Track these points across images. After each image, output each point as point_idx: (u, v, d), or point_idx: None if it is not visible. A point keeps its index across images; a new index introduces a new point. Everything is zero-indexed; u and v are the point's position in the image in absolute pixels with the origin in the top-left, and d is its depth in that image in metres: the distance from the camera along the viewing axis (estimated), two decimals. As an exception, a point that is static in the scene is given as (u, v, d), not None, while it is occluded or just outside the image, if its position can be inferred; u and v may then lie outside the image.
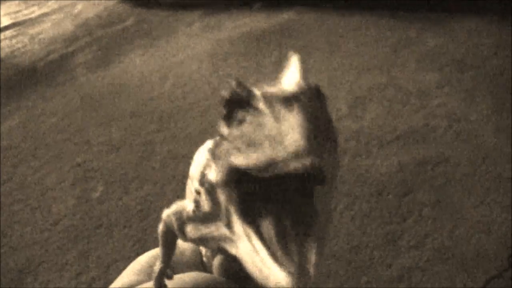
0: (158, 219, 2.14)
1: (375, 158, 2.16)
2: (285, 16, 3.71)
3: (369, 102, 2.53)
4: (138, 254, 1.97)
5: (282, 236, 0.48)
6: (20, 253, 2.06)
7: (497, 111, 2.31)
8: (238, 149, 0.47)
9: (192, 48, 3.54)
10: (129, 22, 4.35)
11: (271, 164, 0.43)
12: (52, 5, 5.32)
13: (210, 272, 0.85)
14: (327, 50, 3.12)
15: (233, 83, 0.51)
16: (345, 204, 1.96)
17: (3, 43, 4.46)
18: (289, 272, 0.45)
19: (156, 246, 1.99)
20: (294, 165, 0.42)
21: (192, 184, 0.68)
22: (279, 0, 3.92)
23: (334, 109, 2.49)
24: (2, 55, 4.17)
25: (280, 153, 0.43)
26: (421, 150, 2.16)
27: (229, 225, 0.52)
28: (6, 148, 2.77)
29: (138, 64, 3.48)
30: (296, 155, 0.42)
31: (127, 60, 3.58)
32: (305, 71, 0.55)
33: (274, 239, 0.48)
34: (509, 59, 2.66)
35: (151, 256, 0.92)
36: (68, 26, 4.57)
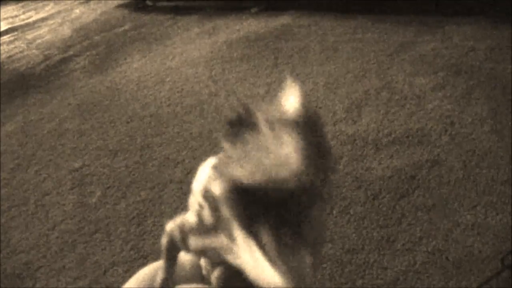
0: (155, 223, 2.15)
1: (370, 162, 2.18)
2: (282, 21, 3.73)
3: (365, 106, 2.55)
4: (135, 258, 1.99)
5: (280, 245, 0.52)
6: (18, 257, 2.07)
7: (492, 114, 2.32)
8: (241, 165, 0.51)
9: (189, 52, 3.55)
10: (126, 27, 4.36)
11: (271, 182, 0.48)
12: (50, 10, 5.34)
13: (209, 285, 0.87)
14: (323, 54, 3.13)
15: (238, 105, 0.56)
16: (341, 207, 1.97)
17: (0, 48, 4.47)
18: (286, 276, 0.49)
19: (153, 251, 2.00)
20: (292, 183, 0.47)
21: (195, 199, 0.71)
22: (275, 5, 3.94)
23: (330, 113, 2.51)
24: (0, 60, 4.18)
25: (281, 172, 0.47)
26: (416, 153, 2.17)
27: (230, 236, 0.56)
28: (4, 152, 2.79)
29: (135, 68, 3.49)
30: (296, 174, 0.47)
31: (124, 65, 3.59)
32: (303, 95, 0.59)
33: (272, 247, 0.51)
34: (504, 63, 2.68)
35: (152, 269, 0.94)
36: (65, 31, 4.59)
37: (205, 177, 0.66)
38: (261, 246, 0.52)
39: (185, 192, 2.22)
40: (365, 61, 2.96)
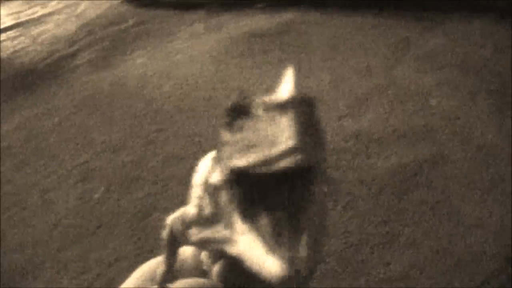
0: (159, 219, 2.14)
1: (374, 158, 2.17)
2: (287, 17, 3.71)
3: (369, 102, 2.54)
4: (138, 254, 1.99)
5: (278, 230, 0.53)
6: (21, 253, 2.08)
7: (496, 111, 2.31)
8: (239, 152, 0.52)
9: (194, 48, 3.55)
10: (131, 22, 4.36)
11: (266, 162, 0.49)
12: (55, 5, 5.35)
13: (210, 278, 0.87)
14: (328, 50, 3.12)
15: (237, 93, 0.57)
16: (344, 203, 1.96)
17: (5, 44, 4.48)
18: (282, 263, 0.50)
19: (156, 246, 2.01)
20: (287, 161, 0.47)
21: (195, 192, 0.73)
22: (280, 0, 3.93)
23: (334, 109, 2.50)
24: (4, 55, 4.19)
25: (274, 151, 0.48)
26: (420, 150, 2.16)
27: (229, 225, 0.57)
28: (8, 147, 2.79)
29: (140, 64, 3.49)
30: (288, 152, 0.47)
31: (129, 60, 3.59)
32: (298, 80, 0.60)
33: (269, 233, 0.53)
34: (509, 60, 2.66)
35: (155, 263, 0.95)
36: (70, 26, 4.59)
37: (205, 170, 0.67)
38: (260, 233, 0.53)
39: (189, 188, 2.23)
40: (369, 57, 2.95)
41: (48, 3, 5.44)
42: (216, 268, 0.82)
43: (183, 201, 2.22)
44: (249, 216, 0.54)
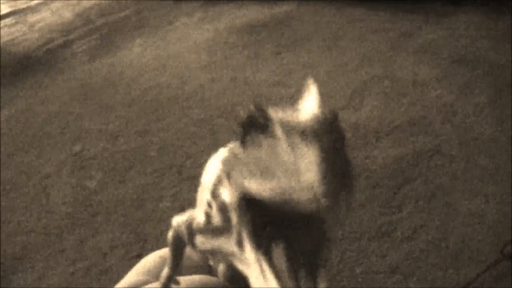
0: (154, 208, 2.14)
1: (372, 150, 2.17)
2: (285, 8, 3.70)
3: (367, 94, 2.54)
4: (134, 242, 1.99)
5: (293, 265, 0.49)
6: (18, 240, 2.07)
7: (493, 104, 2.31)
8: (253, 174, 0.47)
9: (191, 38, 3.53)
10: (128, 11, 4.34)
11: (284, 198, 0.44)
12: (51, -7, 5.30)
13: (216, 275, 0.86)
14: (326, 42, 3.11)
15: (252, 106, 0.50)
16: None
17: (2, 31, 4.45)
18: None
19: (152, 235, 2.00)
20: (308, 206, 0.43)
21: (204, 194, 0.67)
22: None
23: (331, 101, 2.50)
24: (1, 43, 4.16)
25: (295, 189, 0.43)
26: (417, 142, 2.17)
27: (239, 244, 0.52)
28: (5, 135, 2.78)
29: (136, 53, 3.47)
30: (311, 195, 0.42)
31: (125, 49, 3.57)
32: (322, 101, 0.55)
33: (285, 268, 0.48)
34: (507, 53, 2.66)
35: (158, 256, 0.93)
36: (67, 14, 4.56)
37: (215, 173, 0.62)
38: (271, 263, 0.49)
39: (185, 177, 2.23)
40: (367, 50, 2.94)
41: (44, -9, 5.40)
42: (222, 267, 0.79)
43: (178, 191, 2.22)
44: (259, 242, 0.50)
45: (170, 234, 0.79)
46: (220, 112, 2.57)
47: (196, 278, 0.85)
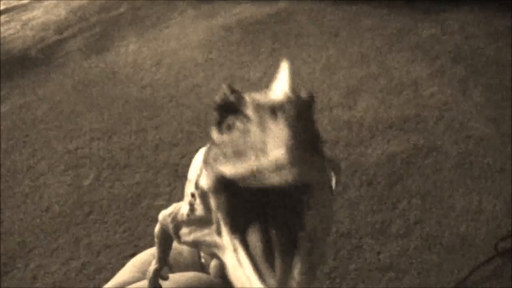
0: (149, 206, 2.13)
1: (366, 147, 2.17)
2: (280, 5, 3.69)
3: (362, 91, 2.54)
4: (129, 241, 1.98)
5: (268, 249, 0.47)
6: (11, 238, 2.06)
7: (488, 101, 2.32)
8: (226, 156, 0.46)
9: (186, 35, 3.52)
10: (122, 8, 4.32)
11: (254, 175, 0.43)
12: (45, -9, 5.28)
13: (208, 272, 0.85)
14: (321, 39, 3.11)
15: (226, 88, 0.49)
16: (335, 192, 1.96)
17: (-5, 29, 4.42)
18: (268, 284, 0.44)
19: (146, 233, 1.99)
20: (276, 178, 0.41)
21: (189, 188, 0.65)
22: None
23: (326, 98, 2.50)
24: (-5, 40, 4.14)
25: (262, 164, 0.42)
26: (412, 139, 2.17)
27: (219, 233, 0.52)
28: (-2, 134, 2.77)
29: (131, 51, 3.46)
30: (278, 167, 0.41)
31: (120, 47, 3.56)
32: (295, 78, 0.53)
33: (259, 252, 0.47)
34: (502, 50, 2.67)
35: (149, 254, 0.93)
36: (61, 12, 4.54)
37: (198, 166, 0.62)
38: (247, 248, 0.47)
39: (180, 175, 2.23)
40: (363, 47, 2.95)
41: (38, -11, 5.37)
42: (213, 263, 0.79)
43: (174, 189, 2.21)
44: (237, 229, 0.49)
45: (156, 228, 0.78)
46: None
47: (186, 275, 0.84)
